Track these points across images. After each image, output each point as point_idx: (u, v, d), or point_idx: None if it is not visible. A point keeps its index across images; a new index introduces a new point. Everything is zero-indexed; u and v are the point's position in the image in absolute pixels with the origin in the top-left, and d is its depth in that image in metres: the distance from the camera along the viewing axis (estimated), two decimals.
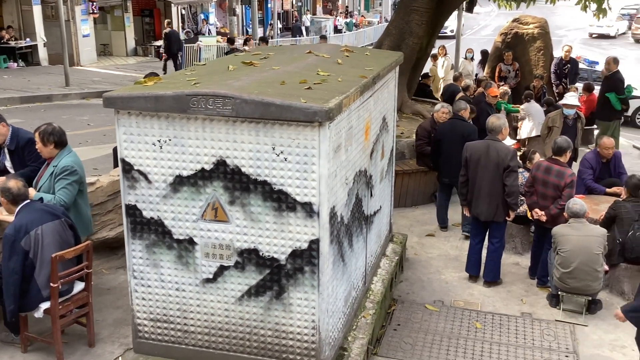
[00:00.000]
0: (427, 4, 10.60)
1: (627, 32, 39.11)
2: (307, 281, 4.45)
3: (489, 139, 6.83)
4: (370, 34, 37.00)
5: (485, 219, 6.85)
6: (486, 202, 6.77)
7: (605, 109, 11.65)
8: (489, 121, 6.94)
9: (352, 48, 7.06)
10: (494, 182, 6.68)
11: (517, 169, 6.76)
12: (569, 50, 14.17)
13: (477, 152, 6.78)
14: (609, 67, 11.73)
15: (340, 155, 4.53)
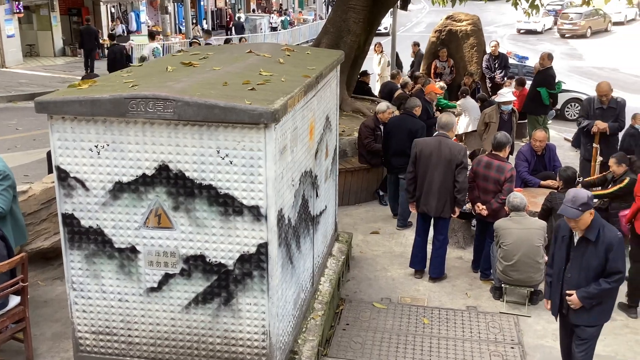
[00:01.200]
0: (364, 2, 10.63)
1: (553, 27, 40.47)
2: (256, 286, 4.36)
3: (440, 135, 6.87)
4: (305, 31, 36.97)
5: (435, 215, 6.90)
6: (436, 198, 6.82)
7: (535, 103, 11.97)
8: (440, 118, 7.03)
9: (293, 47, 6.99)
10: (445, 179, 6.73)
11: (467, 166, 6.85)
12: (496, 46, 14.52)
13: (427, 148, 6.81)
14: (543, 62, 12.06)
15: (286, 156, 4.45)
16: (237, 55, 5.91)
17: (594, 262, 4.61)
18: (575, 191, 4.63)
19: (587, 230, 4.60)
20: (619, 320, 6.35)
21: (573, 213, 4.52)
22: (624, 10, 41.15)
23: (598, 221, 4.62)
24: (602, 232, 4.58)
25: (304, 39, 34.67)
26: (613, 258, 4.56)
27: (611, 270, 4.60)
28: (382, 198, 9.50)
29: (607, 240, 4.55)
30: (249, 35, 30.79)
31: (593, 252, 4.60)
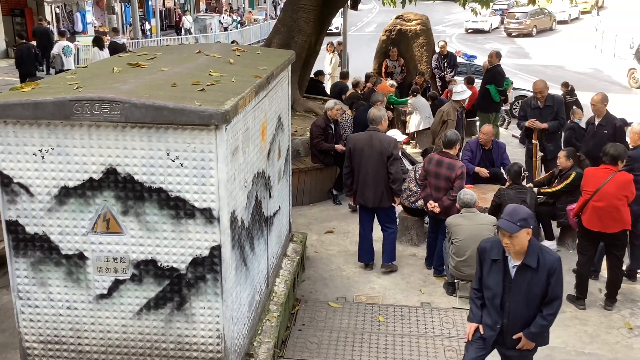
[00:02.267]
0: (314, 1, 10.64)
1: (500, 26, 41.34)
2: (209, 289, 4.30)
3: (370, 129, 7.07)
4: (256, 31, 36.79)
5: (373, 206, 7.08)
6: (372, 190, 7.01)
7: (485, 100, 12.19)
8: (370, 112, 7.21)
9: (243, 47, 6.94)
10: (378, 170, 6.93)
11: (399, 157, 7.06)
12: (444, 45, 14.75)
13: (360, 142, 7.02)
14: (491, 60, 12.29)
15: (238, 157, 4.41)
16: (186, 56, 5.82)
17: (537, 290, 4.24)
18: (516, 206, 4.29)
19: (526, 257, 4.21)
20: (569, 312, 6.51)
21: (510, 227, 4.11)
22: (568, 9, 42.37)
23: (535, 245, 4.26)
24: (542, 256, 4.22)
25: (256, 39, 34.50)
26: (555, 282, 4.22)
27: (552, 296, 4.26)
28: (336, 197, 9.52)
29: (549, 264, 4.20)
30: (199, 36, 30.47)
31: (535, 279, 4.22)
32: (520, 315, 4.34)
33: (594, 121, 8.46)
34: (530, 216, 4.20)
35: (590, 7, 46.31)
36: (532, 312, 4.32)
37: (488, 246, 4.42)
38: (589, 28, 37.39)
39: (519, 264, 4.25)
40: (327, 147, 9.05)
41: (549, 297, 4.26)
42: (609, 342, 6.00)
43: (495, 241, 4.38)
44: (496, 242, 4.35)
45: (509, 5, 43.61)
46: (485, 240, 4.52)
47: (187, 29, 33.81)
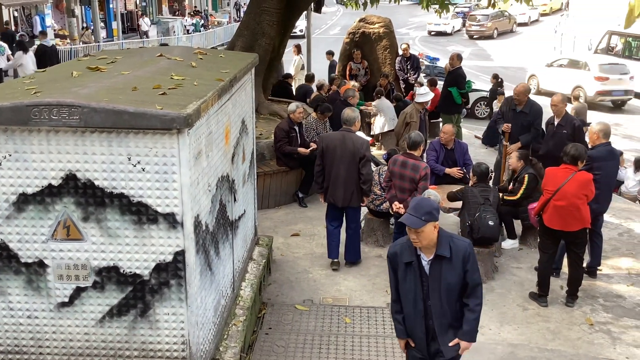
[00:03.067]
0: (277, 4, 10.62)
1: (462, 29, 41.96)
2: (174, 295, 4.26)
3: (344, 130, 7.16)
4: (220, 34, 36.60)
5: (342, 205, 7.18)
6: (342, 189, 7.10)
7: (447, 102, 12.35)
8: (344, 113, 7.29)
9: (206, 50, 6.88)
10: (350, 170, 7.02)
11: (371, 158, 7.13)
12: (406, 48, 14.89)
13: (332, 142, 7.11)
14: (452, 62, 12.44)
15: (201, 161, 4.37)
16: (147, 59, 5.76)
17: (453, 280, 4.04)
18: (420, 199, 4.13)
19: (438, 247, 4.01)
20: (531, 310, 6.62)
21: (414, 222, 3.90)
22: (527, 11, 43.17)
23: (445, 235, 4.07)
24: (453, 244, 4.03)
25: (220, 42, 34.31)
26: (472, 269, 4.05)
27: (472, 284, 4.07)
28: (302, 200, 9.52)
29: (461, 250, 4.02)
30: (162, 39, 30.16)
31: (450, 269, 4.03)
32: (443, 312, 4.12)
33: (553, 121, 8.60)
34: (436, 209, 4.01)
35: (549, 10, 47.30)
36: (454, 307, 4.12)
37: (398, 250, 4.17)
38: (549, 30, 38.13)
39: (432, 257, 4.05)
40: (290, 150, 9.07)
41: (469, 286, 4.08)
42: (570, 338, 6.12)
43: (403, 243, 4.13)
44: (405, 244, 4.12)
45: (470, 8, 44.31)
46: (392, 245, 4.27)
47: (145, 31, 33.40)
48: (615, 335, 6.19)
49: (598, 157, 6.88)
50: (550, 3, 47.66)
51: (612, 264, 7.74)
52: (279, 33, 11.02)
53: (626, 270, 7.60)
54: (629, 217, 9.40)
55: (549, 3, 47.45)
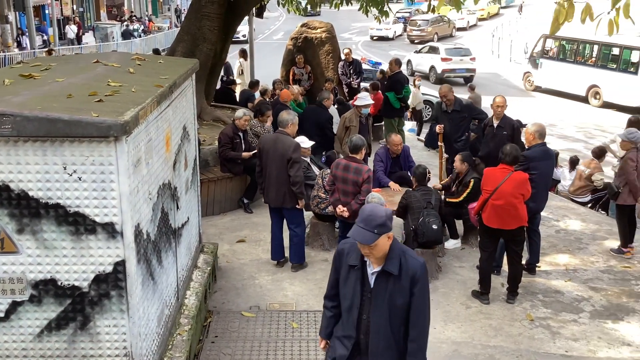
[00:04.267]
0: (218, 9, 10.55)
1: (403, 34, 42.64)
2: (114, 306, 4.16)
3: (278, 132, 7.29)
4: (161, 39, 36.07)
5: (275, 205, 7.30)
6: (274, 190, 7.21)
7: (387, 107, 12.54)
8: (280, 115, 7.41)
9: (144, 56, 6.77)
10: (280, 172, 7.12)
11: (299, 160, 7.18)
12: (348, 53, 15.01)
13: (267, 143, 7.28)
14: (391, 67, 12.63)
15: (141, 169, 4.29)
16: (83, 66, 5.62)
17: (399, 300, 3.61)
18: (372, 208, 3.59)
19: (387, 262, 3.58)
20: (474, 307, 6.77)
21: (365, 237, 3.46)
22: (466, 16, 44.22)
23: (397, 249, 3.62)
24: (405, 261, 3.59)
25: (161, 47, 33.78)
26: (420, 293, 3.60)
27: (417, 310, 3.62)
28: (247, 206, 9.47)
29: (412, 270, 3.58)
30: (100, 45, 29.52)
31: (398, 288, 3.60)
32: (383, 332, 3.69)
33: (492, 123, 8.84)
34: (390, 217, 3.54)
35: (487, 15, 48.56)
36: (396, 329, 3.68)
37: (346, 248, 3.79)
38: (487, 34, 39.14)
39: (379, 271, 3.63)
40: (234, 156, 9.03)
41: (412, 311, 3.63)
42: (512, 334, 6.28)
43: (354, 243, 3.68)
44: (355, 244, 3.66)
45: (411, 13, 45.05)
46: (343, 242, 3.88)
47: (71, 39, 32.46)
48: (554, 329, 6.39)
49: (534, 157, 7.09)
50: (487, 8, 48.94)
51: (550, 260, 8.00)
52: (221, 38, 10.95)
53: (564, 266, 7.86)
54: (565, 214, 9.73)
55: (486, 8, 48.71)
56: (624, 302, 6.99)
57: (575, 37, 22.63)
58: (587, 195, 10.56)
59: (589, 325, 6.47)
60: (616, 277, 7.57)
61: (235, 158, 9.04)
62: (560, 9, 4.49)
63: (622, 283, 7.44)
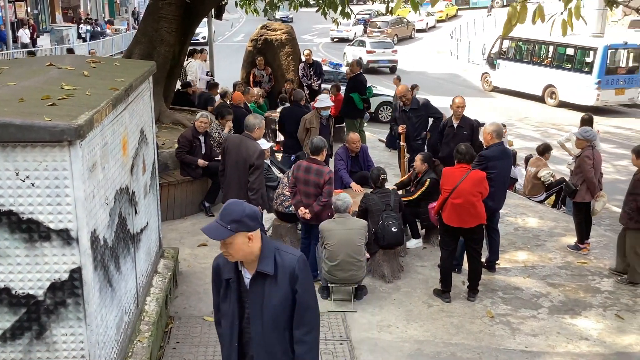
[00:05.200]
0: (175, 11, 10.42)
1: (364, 35, 42.88)
2: (71, 314, 4.07)
3: (244, 134, 7.19)
4: (118, 42, 35.55)
5: None
6: (235, 193, 7.08)
7: (349, 107, 12.58)
8: (247, 119, 7.32)
9: (99, 58, 6.65)
10: (240, 176, 7.07)
11: (261, 166, 7.11)
12: (309, 54, 15.03)
13: (231, 145, 7.23)
14: (352, 69, 12.70)
15: (96, 174, 4.21)
16: (35, 69, 5.49)
17: (278, 302, 3.31)
18: (232, 202, 3.30)
19: (260, 262, 3.29)
20: (435, 306, 6.83)
21: (217, 231, 3.19)
22: (425, 18, 44.74)
23: (270, 247, 3.33)
24: (280, 258, 3.31)
25: (118, 50, 33.31)
26: (301, 288, 3.32)
27: (302, 306, 3.34)
28: (209, 209, 9.38)
29: (289, 266, 3.29)
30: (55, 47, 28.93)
31: (275, 289, 3.30)
32: (268, 342, 3.38)
33: (452, 124, 8.96)
34: (253, 216, 3.23)
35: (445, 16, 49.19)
36: (282, 336, 3.38)
37: (221, 263, 3.49)
38: (445, 35, 39.64)
39: (253, 274, 3.33)
40: (189, 160, 8.95)
41: (297, 310, 3.34)
42: (473, 331, 6.36)
43: None
44: None
45: (370, 14, 45.33)
46: (218, 256, 3.56)
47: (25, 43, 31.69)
48: (514, 326, 6.49)
49: (492, 157, 7.20)
50: (446, 10, 49.59)
51: (510, 257, 8.13)
52: (179, 40, 10.82)
53: (522, 263, 8.00)
54: (523, 212, 9.91)
55: (444, 10, 49.35)
56: (581, 297, 7.15)
57: (531, 38, 23.11)
58: (542, 194, 10.77)
59: (547, 321, 6.59)
60: (573, 273, 7.74)
61: (191, 162, 8.96)
62: (513, 11, 4.56)
63: (579, 278, 7.60)
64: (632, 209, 7.31)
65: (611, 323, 6.58)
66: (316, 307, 3.46)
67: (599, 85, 20.71)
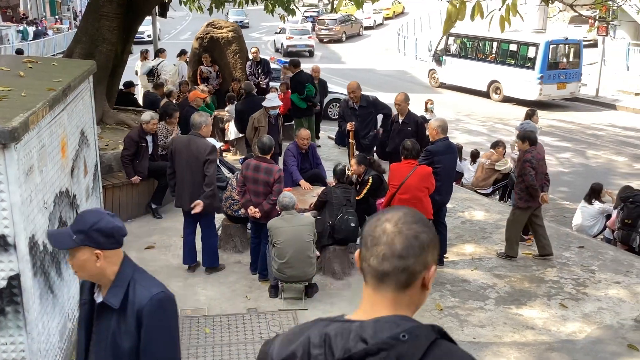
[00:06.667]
0: (117, 9, 10.18)
1: (312, 33, 42.89)
2: (10, 323, 3.94)
3: (191, 134, 7.14)
4: (60, 41, 34.61)
5: (188, 209, 7.12)
6: (188, 193, 7.08)
7: (293, 108, 12.58)
8: (192, 118, 7.27)
9: (37, 58, 6.46)
10: (195, 174, 7.02)
11: (215, 161, 7.11)
12: (256, 52, 14.92)
13: (179, 146, 7.13)
14: (290, 69, 12.74)
15: (34, 178, 4.08)
16: None
17: (126, 345, 2.68)
18: (89, 211, 2.82)
19: (108, 291, 2.70)
20: None
21: (59, 239, 2.71)
22: (372, 15, 45.06)
23: (127, 273, 2.74)
24: (132, 291, 2.70)
25: (60, 49, 32.42)
26: (148, 336, 2.67)
27: (144, 357, 2.69)
28: (156, 211, 9.22)
29: (138, 303, 2.68)
30: None
31: (122, 328, 2.69)
32: None
33: (398, 120, 9.04)
34: (107, 232, 2.68)
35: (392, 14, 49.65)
36: None
37: (85, 281, 2.87)
38: (393, 33, 40.02)
39: (100, 302, 2.75)
40: (128, 173, 8.80)
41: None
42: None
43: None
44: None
45: (319, 12, 45.39)
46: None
47: None
48: (462, 317, 6.60)
49: (437, 151, 7.30)
50: (392, 7, 50.06)
51: (457, 250, 8.26)
52: (121, 39, 10.59)
53: (470, 255, 8.14)
54: (470, 206, 10.09)
55: (391, 7, 49.81)
56: (527, 287, 7.32)
57: (476, 35, 23.53)
58: (490, 186, 11.00)
59: (494, 312, 6.73)
60: (518, 264, 7.92)
61: (128, 174, 8.79)
62: (452, 8, 4.63)
63: (524, 269, 7.79)
64: (521, 189, 7.73)
65: (556, 312, 6.75)
66: None
67: (542, 80, 21.23)
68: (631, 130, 18.58)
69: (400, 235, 1.65)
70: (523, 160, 7.69)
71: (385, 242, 1.65)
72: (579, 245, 8.58)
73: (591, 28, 24.66)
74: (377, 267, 1.66)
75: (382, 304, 1.68)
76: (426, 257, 1.69)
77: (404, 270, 1.65)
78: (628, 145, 16.66)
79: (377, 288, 1.69)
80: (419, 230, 1.68)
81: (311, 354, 1.65)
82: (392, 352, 1.54)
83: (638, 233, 8.45)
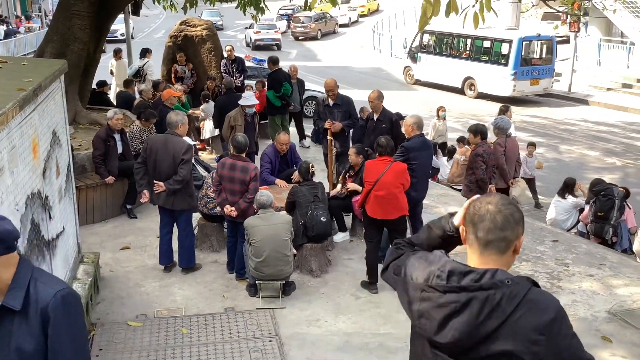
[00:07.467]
0: (88, 7, 10.04)
1: (287, 30, 42.80)
2: None
3: (168, 133, 7.10)
4: (32, 40, 34.08)
5: (165, 206, 7.14)
6: (165, 193, 7.03)
7: (268, 105, 12.55)
8: (168, 116, 7.23)
9: (6, 58, 6.34)
10: (170, 173, 6.99)
11: (190, 160, 7.09)
12: (230, 50, 14.82)
13: (155, 144, 7.09)
14: (269, 66, 12.69)
15: (4, 179, 4.01)
16: None
17: (29, 347, 2.57)
18: None
19: (7, 293, 2.57)
20: (363, 298, 6.90)
21: None
22: (347, 13, 45.15)
23: (25, 274, 2.61)
24: (34, 290, 2.58)
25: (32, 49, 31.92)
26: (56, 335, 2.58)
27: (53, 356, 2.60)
28: (131, 211, 9.13)
29: (41, 301, 2.57)
30: None
31: (26, 329, 2.58)
32: None
33: (372, 117, 9.06)
34: (8, 234, 2.57)
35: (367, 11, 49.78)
36: None
37: None
38: (368, 30, 40.13)
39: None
40: (101, 174, 8.71)
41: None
42: (400, 321, 6.44)
43: None
44: None
45: (294, 10, 45.32)
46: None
47: None
48: None
49: (413, 148, 7.33)
50: (367, 5, 50.19)
51: None
52: (93, 38, 10.45)
53: None
54: (446, 202, 10.16)
55: (366, 5, 49.94)
56: None
57: (450, 32, 23.69)
58: None
59: None
60: None
61: (101, 175, 8.70)
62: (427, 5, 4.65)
63: None
64: (471, 181, 7.92)
65: None
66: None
67: (515, 76, 21.47)
68: (603, 125, 18.88)
69: (500, 214, 2.19)
70: (475, 154, 7.88)
71: (490, 219, 2.19)
72: (552, 239, 8.69)
73: (563, 22, 24.94)
74: (484, 237, 2.21)
75: (487, 264, 2.21)
76: (518, 229, 2.22)
77: (503, 239, 2.20)
78: (600, 140, 16.92)
79: (482, 253, 2.23)
80: (513, 210, 2.21)
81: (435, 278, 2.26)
82: (498, 292, 2.10)
83: (611, 225, 8.59)
